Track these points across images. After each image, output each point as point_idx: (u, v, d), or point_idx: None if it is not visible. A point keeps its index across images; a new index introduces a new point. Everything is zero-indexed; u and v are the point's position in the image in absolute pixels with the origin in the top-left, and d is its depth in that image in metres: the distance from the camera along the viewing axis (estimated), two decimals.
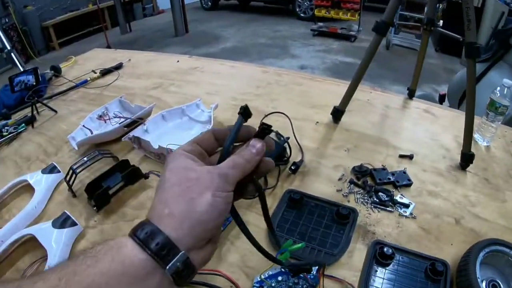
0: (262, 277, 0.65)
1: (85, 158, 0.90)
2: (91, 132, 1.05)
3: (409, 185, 0.89)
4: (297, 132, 1.02)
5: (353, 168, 0.95)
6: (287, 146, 0.95)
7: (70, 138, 1.01)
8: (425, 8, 1.18)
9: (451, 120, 1.17)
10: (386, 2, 1.00)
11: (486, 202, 0.84)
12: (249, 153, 0.38)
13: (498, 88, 1.00)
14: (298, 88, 1.34)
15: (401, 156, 1.00)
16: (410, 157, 0.99)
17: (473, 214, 0.80)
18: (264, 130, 0.39)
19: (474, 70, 0.90)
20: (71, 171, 0.85)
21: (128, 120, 1.06)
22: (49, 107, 1.26)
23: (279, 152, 0.91)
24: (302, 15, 6.93)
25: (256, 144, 0.39)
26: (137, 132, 0.98)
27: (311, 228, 0.77)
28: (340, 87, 1.33)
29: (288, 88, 1.34)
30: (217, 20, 7.30)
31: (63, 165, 0.95)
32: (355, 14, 5.72)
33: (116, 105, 1.19)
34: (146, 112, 1.09)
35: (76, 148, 0.97)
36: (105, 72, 1.56)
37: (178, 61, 1.67)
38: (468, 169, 0.94)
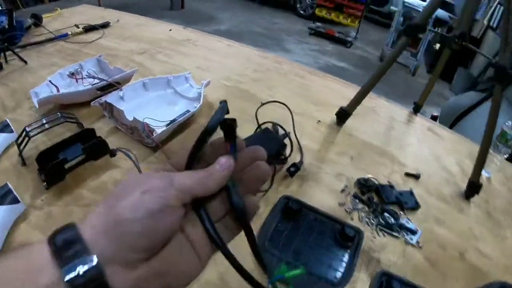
0: None
1: (44, 120, 0.73)
2: (58, 90, 0.88)
3: (416, 208, 0.81)
4: (297, 129, 0.88)
5: (358, 180, 0.83)
6: (287, 143, 0.80)
7: (32, 93, 0.84)
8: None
9: (453, 143, 1.11)
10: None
11: (488, 238, 0.78)
12: (212, 168, 0.31)
13: (510, 122, 0.96)
14: (298, 80, 1.21)
15: (407, 175, 0.91)
16: (417, 176, 0.91)
17: (477, 249, 0.75)
18: (228, 127, 0.32)
19: (500, 98, 0.82)
20: (24, 133, 0.69)
21: (103, 83, 0.89)
22: (19, 56, 1.10)
23: (277, 149, 0.76)
24: (301, 12, 6.79)
25: (221, 159, 0.32)
26: (111, 97, 0.82)
27: (309, 247, 0.64)
28: (343, 87, 1.24)
29: (288, 78, 1.20)
30: (214, 1, 7.08)
31: (19, 124, 0.78)
32: (355, 21, 5.64)
33: (92, 64, 1.02)
34: (126, 77, 0.93)
35: (37, 106, 0.80)
36: (89, 29, 1.41)
37: (170, 30, 1.51)
38: (471, 199, 0.88)
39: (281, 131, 0.82)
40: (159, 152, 0.76)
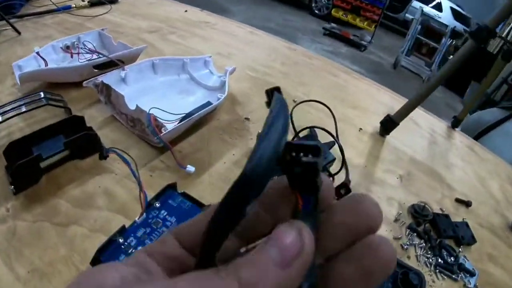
0: None
1: (22, 101, 0.56)
2: (46, 65, 0.71)
3: (471, 243, 0.66)
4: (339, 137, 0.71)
5: (412, 207, 0.67)
6: (336, 158, 0.63)
7: (15, 66, 0.67)
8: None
9: (493, 166, 0.96)
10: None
11: None
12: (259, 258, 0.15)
13: None
14: (332, 79, 1.04)
15: (458, 201, 0.76)
16: (468, 204, 0.75)
17: None
18: (310, 175, 0.14)
19: None
20: None
21: (102, 59, 0.72)
22: (12, 25, 0.95)
23: (324, 165, 0.59)
24: (317, 11, 6.61)
25: (282, 234, 0.15)
26: (109, 77, 0.65)
27: None
28: (380, 92, 1.08)
29: (320, 76, 1.03)
30: None
31: None
32: (372, 25, 5.46)
33: (93, 37, 0.85)
34: (131, 55, 0.76)
35: (18, 82, 0.62)
36: (95, 3, 1.27)
37: (186, 11, 1.34)
38: None
39: (326, 139, 0.65)
40: (167, 155, 0.59)
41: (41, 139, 0.50)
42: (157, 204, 0.45)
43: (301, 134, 0.67)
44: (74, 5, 1.19)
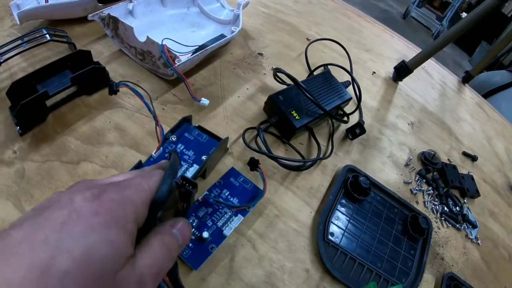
0: None
1: (23, 39, 0.52)
2: (47, 1, 0.66)
3: (475, 196, 0.67)
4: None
5: (423, 154, 0.66)
6: (352, 97, 0.62)
7: (13, 5, 0.60)
8: None
9: (500, 126, 0.97)
10: None
11: None
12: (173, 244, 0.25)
13: None
14: (346, 21, 1.00)
15: (465, 154, 0.76)
16: (474, 158, 0.76)
17: None
18: (185, 189, 0.28)
19: None
20: None
21: None
22: None
23: (340, 104, 0.58)
24: None
25: (182, 227, 0.26)
26: (116, 10, 0.61)
27: (377, 240, 0.48)
28: (394, 39, 1.05)
29: (334, 16, 0.99)
30: None
31: None
32: None
33: None
34: None
35: (18, 21, 0.57)
36: None
37: None
38: None
39: (339, 78, 0.63)
40: (179, 88, 0.57)
41: (46, 76, 0.46)
42: (173, 138, 0.43)
43: (315, 72, 0.65)
44: None
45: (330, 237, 0.44)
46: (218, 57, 0.64)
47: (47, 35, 0.53)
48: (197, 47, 0.59)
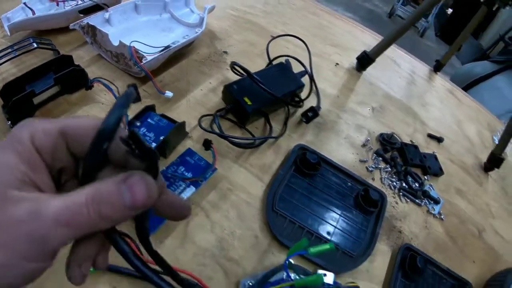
0: (251, 283, 0.39)
1: (13, 47, 0.59)
2: (34, 14, 0.72)
3: (439, 174, 0.72)
4: (313, 70, 0.74)
5: (381, 135, 0.71)
6: (305, 84, 0.67)
7: (4, 18, 0.67)
8: None
9: (474, 111, 1.02)
10: None
11: (505, 218, 0.73)
12: (111, 200, 0.19)
13: None
14: (314, 19, 1.05)
15: (430, 136, 0.81)
16: (440, 140, 0.81)
17: (493, 229, 0.69)
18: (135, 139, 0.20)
19: None
20: None
21: (88, 3, 0.73)
22: None
23: (293, 90, 0.63)
24: None
25: (135, 184, 0.20)
26: (94, 19, 0.67)
27: (327, 211, 0.53)
28: (365, 34, 1.10)
29: (302, 15, 1.05)
30: None
31: None
32: None
33: None
34: None
35: (8, 32, 0.64)
36: None
37: None
38: (489, 172, 0.82)
39: (296, 69, 0.68)
40: (149, 84, 0.62)
41: (34, 78, 0.53)
42: (137, 123, 0.50)
43: (275, 62, 0.70)
44: None
45: (278, 207, 0.49)
46: (186, 57, 0.70)
47: (34, 43, 0.59)
48: (163, 47, 0.65)
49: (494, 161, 0.80)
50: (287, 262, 0.35)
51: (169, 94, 0.58)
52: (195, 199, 0.46)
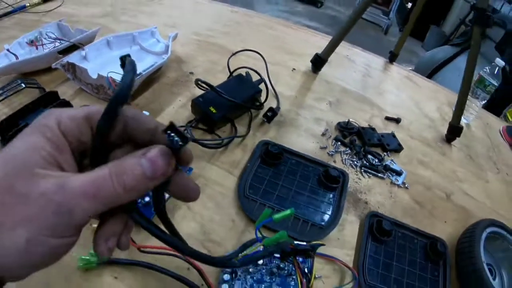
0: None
1: (2, 90, 0.67)
2: (17, 58, 0.81)
3: (398, 150, 0.80)
4: (272, 77, 0.84)
5: (338, 123, 0.80)
6: (262, 89, 0.77)
7: None
8: None
9: (433, 91, 1.13)
10: None
11: (472, 180, 0.80)
12: (133, 172, 0.22)
13: (489, 67, 0.97)
14: (271, 33, 1.16)
15: (387, 119, 0.90)
16: (397, 120, 0.90)
17: (462, 191, 0.76)
18: (174, 131, 0.22)
19: (479, 40, 0.81)
20: None
21: (65, 44, 0.82)
22: None
23: (253, 95, 0.73)
24: None
25: (156, 158, 0.22)
26: (72, 57, 0.76)
27: (293, 192, 0.61)
28: (318, 39, 1.21)
29: (259, 31, 1.15)
30: None
31: None
32: None
33: (52, 29, 0.94)
34: (88, 37, 0.87)
35: None
36: None
37: None
38: (452, 143, 0.90)
39: (255, 78, 0.78)
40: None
41: (26, 114, 0.62)
42: None
43: (235, 74, 0.79)
44: (28, 4, 1.24)
45: (249, 193, 0.58)
46: (157, 81, 0.79)
47: (22, 84, 0.69)
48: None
49: (453, 131, 0.87)
50: (257, 230, 0.42)
51: (146, 113, 0.67)
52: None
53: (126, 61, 0.24)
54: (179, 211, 0.53)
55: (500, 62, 0.95)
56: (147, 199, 0.51)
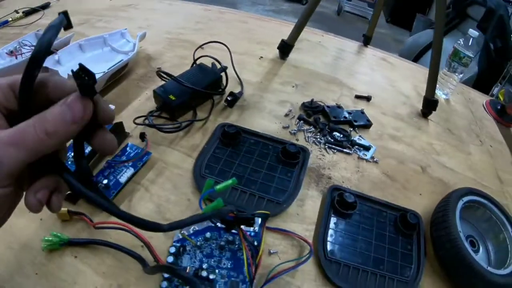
0: (185, 233, 0.50)
1: None
2: None
3: (368, 126, 0.81)
4: (238, 66, 0.88)
5: (303, 103, 0.83)
6: (224, 76, 0.80)
7: None
8: None
9: (409, 71, 1.14)
10: None
11: (452, 153, 0.81)
12: (53, 118, 0.23)
13: (463, 39, 0.97)
14: (242, 26, 1.19)
15: (357, 97, 0.92)
16: (368, 98, 0.92)
17: (440, 163, 0.76)
18: (83, 80, 0.24)
19: (444, 8, 0.83)
20: None
21: None
22: None
23: (213, 81, 0.76)
24: None
25: (74, 103, 0.24)
26: (46, 62, 0.80)
27: (250, 170, 0.63)
28: (290, 28, 1.21)
29: (231, 25, 1.19)
30: None
31: None
32: None
33: (31, 39, 0.99)
34: (63, 43, 0.91)
35: None
36: (29, 12, 1.35)
37: (110, 0, 1.46)
38: (430, 117, 0.91)
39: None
40: None
41: None
42: None
43: (198, 61, 0.82)
44: (10, 19, 1.28)
45: (205, 173, 0.60)
46: (126, 78, 0.83)
47: None
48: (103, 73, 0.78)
49: (428, 105, 0.88)
50: (201, 200, 0.44)
51: (111, 106, 0.71)
52: (136, 179, 0.58)
53: (56, 19, 0.24)
54: (137, 193, 0.56)
55: (473, 32, 0.95)
56: (105, 181, 0.54)
